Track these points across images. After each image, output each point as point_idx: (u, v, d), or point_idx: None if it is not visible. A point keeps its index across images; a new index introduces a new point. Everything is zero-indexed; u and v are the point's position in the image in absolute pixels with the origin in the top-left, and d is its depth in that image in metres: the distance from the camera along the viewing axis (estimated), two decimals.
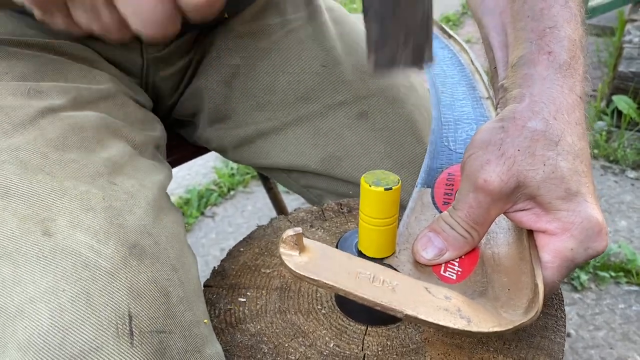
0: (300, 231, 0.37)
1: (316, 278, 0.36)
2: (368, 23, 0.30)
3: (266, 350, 0.42)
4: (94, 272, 0.34)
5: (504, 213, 0.39)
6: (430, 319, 0.35)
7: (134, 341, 0.33)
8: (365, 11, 0.30)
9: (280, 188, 1.22)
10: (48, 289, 0.33)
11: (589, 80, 0.41)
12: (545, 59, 0.39)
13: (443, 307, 0.36)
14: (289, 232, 0.36)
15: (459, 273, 0.41)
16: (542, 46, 0.40)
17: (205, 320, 0.40)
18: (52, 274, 0.34)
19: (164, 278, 0.37)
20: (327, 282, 0.36)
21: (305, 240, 0.38)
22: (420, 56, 0.31)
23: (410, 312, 0.35)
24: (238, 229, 1.53)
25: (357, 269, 0.38)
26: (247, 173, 1.74)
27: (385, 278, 0.37)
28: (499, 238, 0.44)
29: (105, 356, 0.32)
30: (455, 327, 0.35)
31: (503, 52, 0.44)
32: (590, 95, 2.27)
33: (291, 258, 0.37)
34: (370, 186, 0.40)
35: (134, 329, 0.33)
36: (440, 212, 0.47)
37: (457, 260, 0.42)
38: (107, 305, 0.33)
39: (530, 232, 0.40)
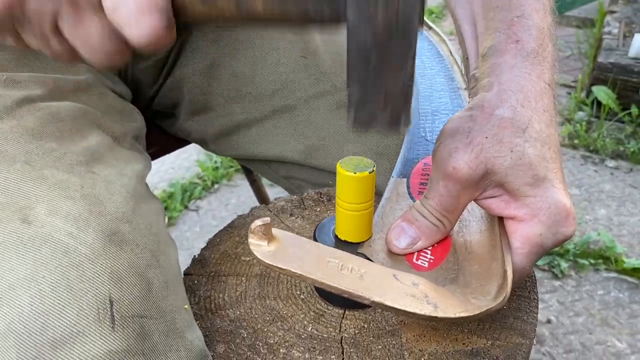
0: (269, 221, 0.37)
1: (284, 267, 0.37)
2: (350, 84, 0.31)
3: (245, 335, 0.43)
4: (73, 259, 0.34)
5: (475, 200, 0.40)
6: (396, 305, 0.35)
7: (116, 325, 0.33)
8: (348, 72, 0.31)
9: (264, 181, 1.23)
10: (27, 275, 0.33)
11: (557, 68, 0.42)
12: (513, 48, 0.40)
13: (410, 293, 0.36)
14: (258, 222, 0.37)
15: (431, 261, 0.42)
16: (510, 35, 0.40)
17: (186, 306, 0.40)
18: (31, 261, 0.34)
19: (144, 264, 0.37)
20: (295, 270, 0.37)
21: (275, 230, 0.39)
22: (397, 121, 0.32)
23: (377, 299, 0.36)
24: (222, 222, 1.53)
25: (326, 258, 0.38)
26: (231, 166, 1.74)
27: (354, 266, 0.38)
28: (472, 226, 0.44)
29: (87, 340, 0.32)
30: (422, 313, 0.35)
31: (474, 42, 0.45)
32: (571, 86, 2.30)
33: (260, 248, 0.38)
34: (345, 172, 0.40)
35: (115, 314, 0.33)
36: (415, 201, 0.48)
37: (430, 248, 0.43)
38: (87, 290, 0.33)
39: (501, 219, 0.41)
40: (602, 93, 1.91)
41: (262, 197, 1.11)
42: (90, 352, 0.32)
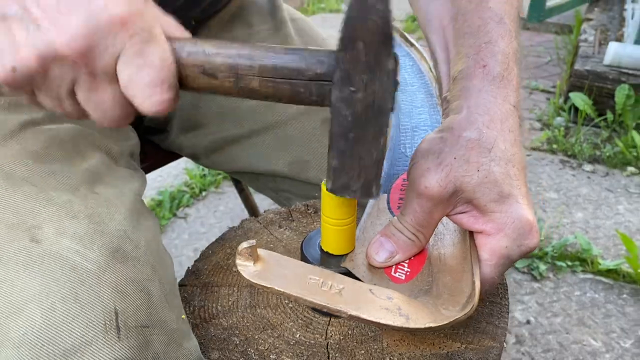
0: (254, 243, 0.40)
1: (268, 285, 0.40)
2: (331, 155, 0.36)
3: (238, 342, 0.46)
4: (81, 274, 0.37)
5: (447, 216, 0.43)
6: (371, 318, 0.39)
7: (121, 335, 0.36)
8: (330, 144, 0.35)
9: (251, 189, 1.26)
10: (39, 291, 0.36)
11: (520, 90, 0.45)
12: (481, 72, 0.43)
13: (384, 306, 0.40)
14: (244, 244, 0.40)
15: (408, 273, 0.45)
16: (477, 60, 0.44)
17: (183, 316, 0.43)
18: (41, 277, 0.37)
19: (145, 278, 0.40)
20: (278, 288, 0.40)
21: (260, 251, 0.42)
22: (368, 190, 0.37)
23: (353, 313, 0.39)
24: (210, 229, 1.56)
25: (308, 275, 0.41)
26: (219, 174, 1.77)
27: (333, 282, 0.41)
28: (446, 239, 0.47)
29: (96, 350, 0.35)
30: (395, 324, 0.38)
31: (447, 66, 0.48)
32: (550, 92, 2.36)
33: (246, 268, 0.41)
34: None
35: (120, 325, 0.36)
36: (394, 216, 0.51)
37: (407, 261, 0.46)
38: (94, 303, 0.36)
39: (472, 233, 0.44)
40: (579, 99, 1.97)
41: (250, 206, 1.14)
42: None
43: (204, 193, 1.71)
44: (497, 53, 0.44)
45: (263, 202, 1.57)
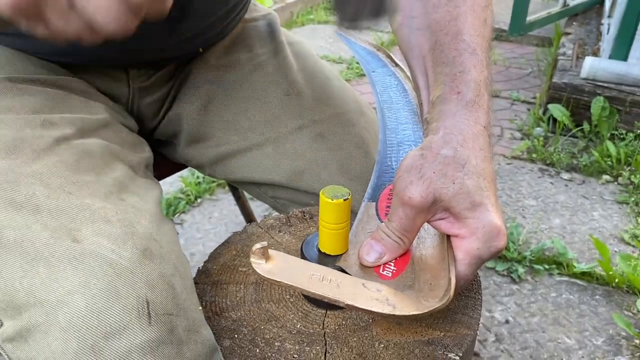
0: (266, 244, 0.47)
1: (279, 280, 0.47)
2: None
3: (246, 332, 0.53)
4: (117, 270, 0.43)
5: (427, 222, 0.49)
6: (365, 307, 0.46)
7: (152, 321, 0.42)
8: None
9: (247, 195, 1.32)
10: (82, 283, 0.42)
11: (492, 112, 0.52)
12: (455, 98, 0.49)
13: (375, 297, 0.46)
14: (257, 245, 0.47)
15: (394, 271, 0.52)
16: (453, 87, 0.50)
17: (199, 307, 0.50)
18: (83, 272, 0.43)
19: (169, 274, 0.47)
20: (287, 282, 0.46)
21: (271, 251, 0.48)
22: (380, 10, 0.38)
23: (350, 302, 0.46)
24: (206, 234, 1.62)
25: (311, 272, 0.48)
26: (213, 181, 1.83)
27: (332, 277, 0.48)
28: (427, 242, 0.54)
29: (131, 333, 0.41)
30: (384, 312, 0.45)
31: (426, 91, 0.55)
32: (531, 102, 2.45)
33: (259, 265, 0.47)
34: (327, 198, 0.51)
35: (151, 312, 0.43)
36: (382, 222, 0.58)
37: (393, 261, 0.52)
38: (129, 294, 0.43)
39: (449, 237, 0.50)
40: (557, 111, 2.06)
41: (246, 212, 1.20)
42: (133, 342, 0.41)
43: (199, 200, 1.77)
44: (470, 81, 0.50)
45: (257, 208, 1.63)
